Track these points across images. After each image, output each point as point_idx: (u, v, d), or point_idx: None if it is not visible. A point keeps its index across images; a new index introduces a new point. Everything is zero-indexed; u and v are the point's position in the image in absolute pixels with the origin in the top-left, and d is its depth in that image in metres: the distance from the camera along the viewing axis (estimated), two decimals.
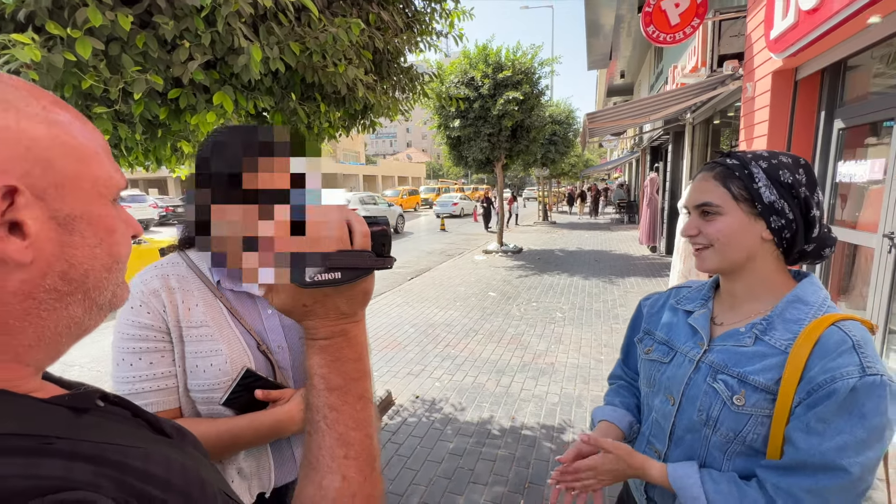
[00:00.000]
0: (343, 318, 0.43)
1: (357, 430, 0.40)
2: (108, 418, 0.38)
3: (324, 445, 0.39)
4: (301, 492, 0.38)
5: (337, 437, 0.39)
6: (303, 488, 0.38)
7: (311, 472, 0.38)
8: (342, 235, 0.40)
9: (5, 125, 0.32)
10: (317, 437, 0.39)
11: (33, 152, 0.32)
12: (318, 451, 0.39)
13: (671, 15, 4.76)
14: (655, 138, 10.37)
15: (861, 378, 0.62)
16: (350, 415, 0.40)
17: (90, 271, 0.36)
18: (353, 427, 0.40)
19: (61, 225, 0.34)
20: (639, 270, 7.70)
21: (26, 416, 0.32)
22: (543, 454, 2.52)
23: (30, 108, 0.34)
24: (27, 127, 0.33)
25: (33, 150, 0.32)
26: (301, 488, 0.38)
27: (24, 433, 0.30)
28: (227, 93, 1.60)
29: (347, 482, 0.38)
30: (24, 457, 0.28)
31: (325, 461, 0.38)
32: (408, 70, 2.53)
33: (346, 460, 0.38)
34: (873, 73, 3.27)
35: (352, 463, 0.39)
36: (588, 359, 3.89)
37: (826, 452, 0.62)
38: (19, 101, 0.34)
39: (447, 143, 9.49)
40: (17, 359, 0.34)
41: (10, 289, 0.32)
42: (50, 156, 0.33)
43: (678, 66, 7.11)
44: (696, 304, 0.86)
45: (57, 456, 0.29)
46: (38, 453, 0.29)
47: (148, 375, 0.80)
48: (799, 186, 0.72)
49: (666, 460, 0.81)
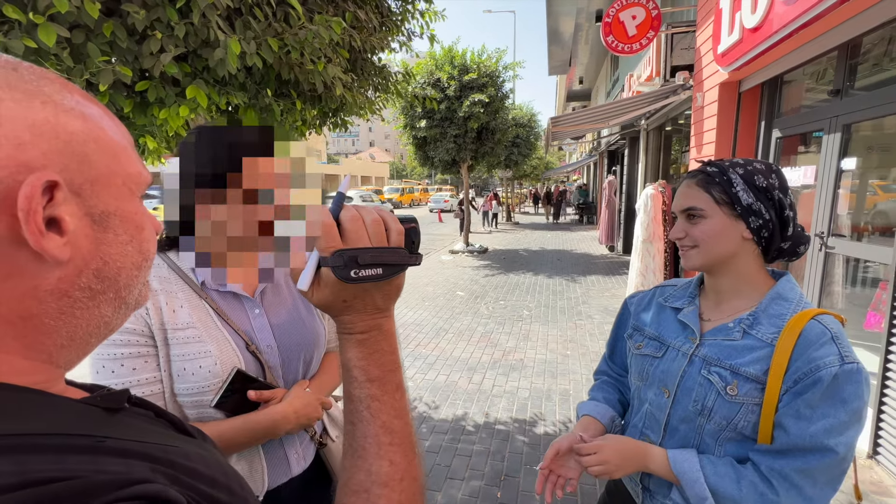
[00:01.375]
0: (378, 313, 0.44)
1: (398, 419, 0.42)
2: (138, 418, 0.38)
3: (369, 434, 0.40)
4: (350, 479, 0.39)
5: (381, 426, 0.41)
6: (352, 476, 0.39)
7: (358, 461, 0.40)
8: (381, 232, 0.42)
9: (44, 118, 0.31)
10: (361, 427, 0.41)
11: (71, 147, 0.32)
12: (364, 440, 0.40)
13: (629, 26, 5.03)
14: (613, 143, 10.87)
15: (841, 366, 0.69)
16: (391, 404, 0.42)
17: (122, 269, 0.36)
18: (394, 416, 0.42)
19: (96, 222, 0.33)
20: (599, 269, 8.04)
21: (72, 416, 0.31)
22: (517, 447, 2.60)
23: (66, 101, 0.33)
24: (66, 121, 0.32)
25: (71, 144, 0.32)
26: (350, 476, 0.40)
27: (76, 433, 0.30)
28: (200, 87, 1.55)
29: (395, 466, 0.40)
30: (88, 454, 0.28)
31: (371, 448, 0.40)
32: (381, 69, 2.53)
33: (392, 447, 0.40)
34: (805, 88, 3.61)
35: (396, 448, 0.41)
36: (555, 354, 4.04)
37: (815, 435, 0.69)
38: (56, 94, 0.33)
39: (413, 143, 9.48)
40: (49, 359, 0.33)
41: (47, 287, 0.31)
42: (86, 151, 0.33)
43: (634, 74, 7.50)
44: (684, 302, 0.92)
45: (112, 454, 0.30)
46: (96, 451, 0.29)
47: (132, 382, 0.77)
48: (773, 190, 0.79)
49: None
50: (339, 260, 0.39)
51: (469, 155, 9.25)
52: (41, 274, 0.31)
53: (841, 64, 2.91)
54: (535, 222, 18.24)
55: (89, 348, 0.37)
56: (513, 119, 11.27)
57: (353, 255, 0.39)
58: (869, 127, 2.82)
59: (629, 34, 5.03)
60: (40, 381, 0.33)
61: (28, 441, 0.27)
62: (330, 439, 1.02)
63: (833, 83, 3.01)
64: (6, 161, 0.29)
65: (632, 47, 5.12)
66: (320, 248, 0.40)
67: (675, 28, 5.20)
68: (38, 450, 0.26)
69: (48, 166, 0.31)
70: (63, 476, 0.25)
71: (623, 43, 5.10)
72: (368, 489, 0.38)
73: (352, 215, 0.41)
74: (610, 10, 5.11)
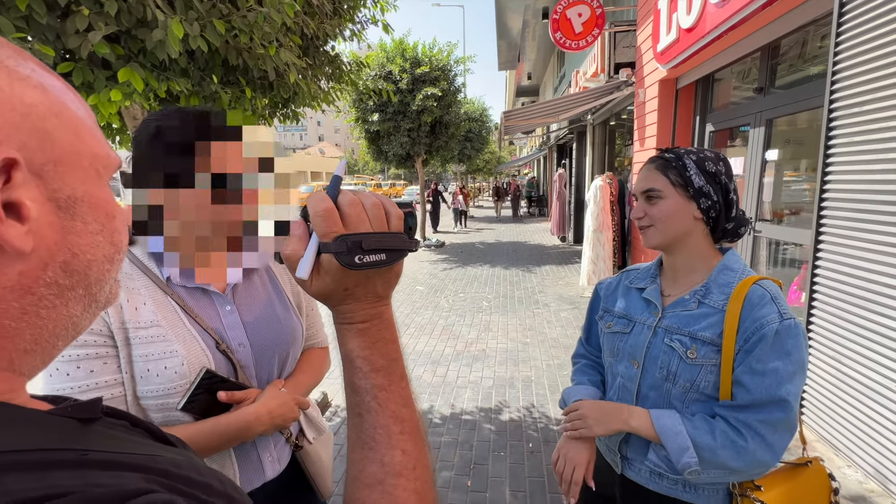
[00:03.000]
0: (378, 301, 0.43)
1: (406, 407, 0.41)
2: (114, 429, 0.35)
3: (378, 424, 0.39)
4: (362, 471, 0.38)
5: (390, 415, 0.39)
6: (363, 468, 0.38)
7: (369, 452, 0.38)
8: (381, 216, 0.40)
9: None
10: (370, 418, 0.39)
11: (30, 121, 0.28)
12: (374, 431, 0.39)
13: (575, 23, 5.21)
14: (561, 137, 11.27)
15: (780, 322, 0.78)
16: (398, 393, 0.41)
17: (93, 262, 0.32)
18: (402, 404, 0.41)
19: (61, 208, 0.29)
20: (552, 259, 8.33)
21: (45, 429, 0.28)
22: (484, 436, 2.64)
23: (21, 68, 0.29)
24: (21, 91, 0.28)
25: (30, 118, 0.28)
26: (361, 469, 0.38)
27: (57, 447, 0.26)
28: (136, 70, 1.41)
29: (407, 455, 0.39)
30: (73, 469, 0.25)
31: (382, 439, 0.39)
32: (334, 58, 2.44)
33: (402, 435, 0.39)
34: (733, 86, 3.93)
35: (407, 437, 0.39)
36: (516, 343, 4.14)
37: (769, 388, 0.77)
38: (7, 59, 0.28)
39: (366, 137, 9.29)
40: (10, 366, 0.29)
41: (6, 283, 0.27)
42: (47, 126, 0.29)
43: (580, 70, 7.80)
44: (647, 282, 1.00)
45: (100, 467, 0.26)
46: (82, 465, 0.26)
47: (89, 385, 0.70)
48: (720, 175, 0.87)
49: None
50: (343, 246, 0.37)
51: (423, 149, 9.21)
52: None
53: (764, 64, 3.19)
54: (489, 216, 18.54)
55: (55, 352, 0.33)
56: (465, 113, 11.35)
57: (356, 241, 0.37)
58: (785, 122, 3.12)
59: (576, 31, 5.22)
60: (2, 391, 0.28)
61: (3, 459, 0.23)
62: (307, 441, 0.98)
63: (757, 81, 3.30)
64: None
65: (578, 44, 5.31)
66: (321, 234, 0.38)
67: (618, 27, 5.46)
68: (18, 467, 0.23)
69: (3, 142, 0.26)
70: (54, 493, 0.22)
71: (570, 39, 5.28)
72: (382, 480, 0.37)
73: (351, 199, 0.39)
74: (557, 7, 5.27)
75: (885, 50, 1.91)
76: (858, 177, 2.07)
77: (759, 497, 0.82)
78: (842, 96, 2.15)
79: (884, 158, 1.94)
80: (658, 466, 0.88)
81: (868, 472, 2.03)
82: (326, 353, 1.07)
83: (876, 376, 1.99)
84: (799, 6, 2.59)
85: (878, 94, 1.95)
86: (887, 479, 1.91)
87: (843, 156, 2.16)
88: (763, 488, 0.83)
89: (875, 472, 1.99)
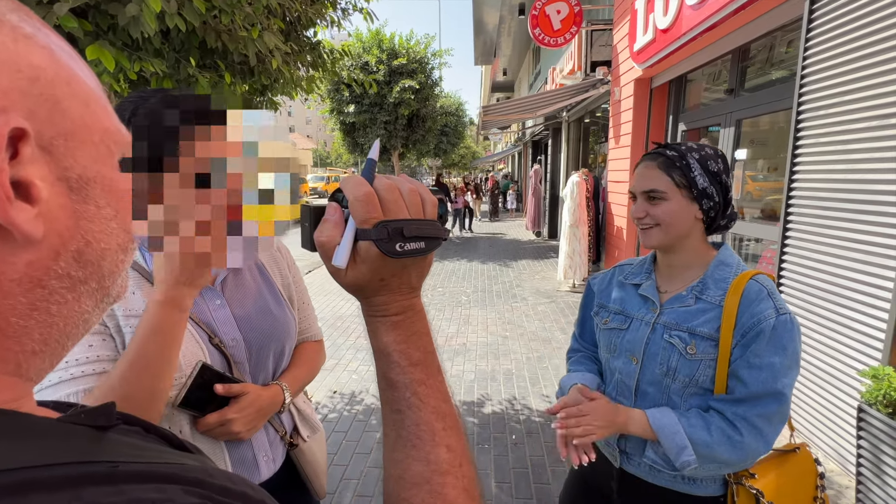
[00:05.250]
0: (411, 293, 0.41)
1: (445, 402, 0.39)
2: (131, 436, 0.31)
3: (421, 421, 0.37)
4: (406, 471, 0.36)
5: (432, 411, 0.38)
6: (407, 467, 0.36)
7: (412, 451, 0.37)
8: (418, 203, 0.38)
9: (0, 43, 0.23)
10: (411, 414, 0.37)
11: (38, 87, 0.24)
12: (417, 428, 0.37)
13: (554, 20, 5.26)
14: (537, 133, 11.39)
15: (777, 317, 0.80)
16: (437, 387, 0.39)
17: (107, 251, 0.28)
18: (442, 399, 0.39)
19: (73, 189, 0.26)
20: (528, 253, 8.44)
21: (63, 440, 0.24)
22: (468, 429, 2.65)
23: (25, 26, 0.25)
24: (27, 50, 0.24)
25: (38, 83, 0.24)
26: (405, 468, 0.36)
27: (80, 461, 0.23)
28: (105, 48, 1.31)
29: (452, 452, 0.37)
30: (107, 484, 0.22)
31: (426, 436, 0.37)
32: (315, 46, 2.36)
33: (446, 431, 0.38)
34: (703, 88, 4.08)
35: (451, 433, 0.38)
36: (495, 336, 4.18)
37: (766, 381, 0.79)
38: (11, 13, 0.25)
39: (341, 129, 9.10)
40: (17, 371, 0.25)
41: (13, 275, 0.23)
42: (57, 94, 0.25)
43: (557, 68, 7.89)
44: (641, 278, 1.00)
45: (135, 480, 0.23)
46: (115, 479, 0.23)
47: (90, 358, 0.66)
48: (721, 174, 0.88)
49: None
50: (384, 232, 0.35)
51: (400, 142, 9.12)
52: (5, 257, 0.23)
53: (734, 66, 3.32)
54: None
55: (63, 353, 0.29)
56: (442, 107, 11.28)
57: (397, 227, 0.35)
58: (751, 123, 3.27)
59: (555, 28, 5.26)
60: (8, 399, 0.25)
61: (24, 477, 0.20)
62: (301, 439, 0.95)
63: (728, 83, 3.44)
64: None
65: (557, 41, 5.37)
66: (359, 220, 0.36)
67: (595, 25, 5.55)
68: (44, 486, 0.20)
69: (10, 109, 0.22)
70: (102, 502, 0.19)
71: (549, 36, 5.32)
72: (429, 479, 0.35)
73: (388, 184, 0.37)
74: (536, 4, 5.30)
75: (850, 56, 2.02)
76: (823, 176, 2.19)
77: (754, 485, 0.85)
78: (809, 99, 2.27)
79: (847, 159, 2.05)
80: (656, 463, 0.89)
81: (828, 453, 2.17)
82: (321, 347, 1.05)
83: (837, 364, 2.12)
84: (769, 12, 2.70)
85: (844, 98, 2.06)
86: (845, 460, 2.05)
87: (810, 156, 2.28)
88: (757, 476, 0.86)
89: (834, 454, 2.13)
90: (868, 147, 1.95)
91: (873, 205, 1.92)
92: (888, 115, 1.85)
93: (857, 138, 2.01)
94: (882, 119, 1.88)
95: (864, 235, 1.96)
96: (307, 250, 0.40)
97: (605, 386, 1.03)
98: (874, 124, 1.92)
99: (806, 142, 2.30)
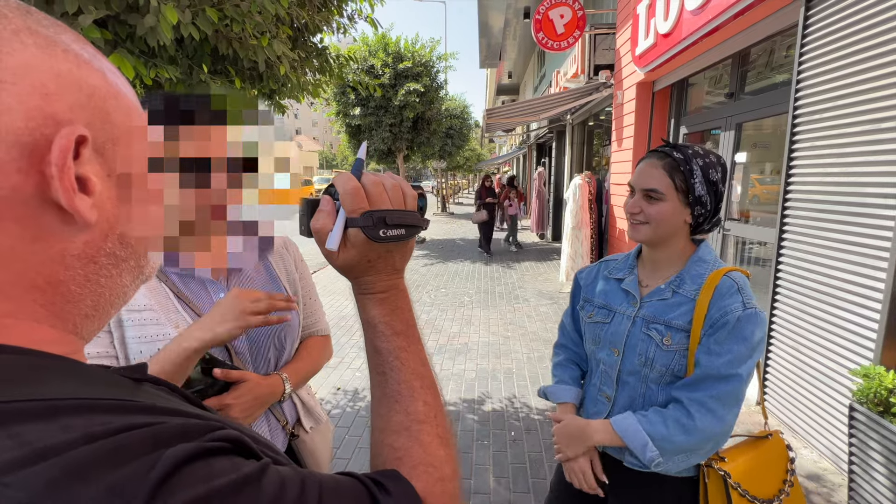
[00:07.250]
0: (395, 274, 0.47)
1: (423, 366, 0.46)
2: (161, 389, 0.38)
3: (402, 380, 0.43)
4: (389, 422, 0.42)
5: (412, 372, 0.44)
6: (390, 418, 0.42)
7: (395, 405, 0.43)
8: (399, 196, 0.44)
9: (68, 69, 0.30)
10: (393, 375, 0.44)
11: (94, 101, 0.31)
12: (398, 385, 0.43)
13: (557, 24, 5.32)
14: (541, 136, 11.43)
15: (743, 311, 0.85)
16: (416, 353, 0.46)
17: (142, 236, 0.35)
18: (420, 363, 0.46)
19: (118, 185, 0.33)
20: (531, 256, 8.48)
21: (113, 384, 0.31)
22: (468, 426, 2.71)
23: (84, 52, 0.32)
24: (87, 74, 0.31)
25: (94, 99, 0.31)
26: (388, 420, 0.42)
27: (127, 399, 0.29)
28: (124, 56, 1.39)
29: (429, 406, 0.43)
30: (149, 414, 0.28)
31: (406, 392, 0.43)
32: (322, 51, 2.44)
33: (423, 389, 0.44)
34: (705, 91, 4.11)
35: (428, 391, 0.44)
36: (497, 336, 4.23)
37: (721, 366, 0.84)
38: (73, 43, 0.32)
39: (347, 131, 9.20)
40: (75, 329, 0.32)
41: (74, 251, 0.30)
42: (107, 107, 0.32)
43: (561, 71, 7.94)
44: (625, 272, 1.05)
45: (170, 414, 0.29)
46: (155, 411, 0.29)
47: (90, 354, 0.71)
48: (718, 183, 0.91)
49: (614, 402, 1.00)
50: (369, 220, 0.41)
51: (405, 144, 9.21)
52: (68, 237, 0.30)
53: (734, 70, 3.35)
54: (468, 212, 18.63)
55: (108, 319, 0.36)
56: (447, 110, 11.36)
57: (381, 216, 0.42)
58: (756, 126, 3.30)
59: (558, 32, 5.32)
60: (68, 352, 0.31)
61: (91, 403, 0.26)
62: (303, 430, 0.98)
63: (728, 87, 3.47)
64: (34, 112, 0.28)
65: (560, 45, 5.42)
66: (348, 210, 0.42)
67: (598, 29, 5.59)
68: (106, 410, 0.26)
69: (75, 121, 0.29)
70: (155, 422, 0.25)
71: (553, 40, 5.38)
72: (408, 427, 0.42)
73: (374, 180, 0.43)
74: (540, 8, 5.36)
75: (844, 62, 2.06)
76: (819, 178, 2.23)
77: (723, 467, 0.90)
78: (805, 103, 2.31)
79: (842, 162, 2.09)
80: (635, 465, 0.94)
81: (822, 452, 2.20)
82: (327, 342, 1.07)
83: (832, 364, 2.15)
84: (767, 17, 2.74)
85: (838, 102, 2.10)
86: (839, 458, 2.08)
87: (806, 159, 2.32)
88: (727, 459, 0.91)
89: (829, 453, 2.16)
90: (861, 151, 1.99)
91: (866, 207, 1.95)
92: (881, 120, 1.89)
93: (850, 142, 2.04)
94: (875, 123, 1.92)
95: (858, 237, 2.00)
96: (304, 237, 0.46)
97: (591, 376, 1.08)
98: (868, 128, 1.96)
99: (802, 145, 2.34)
